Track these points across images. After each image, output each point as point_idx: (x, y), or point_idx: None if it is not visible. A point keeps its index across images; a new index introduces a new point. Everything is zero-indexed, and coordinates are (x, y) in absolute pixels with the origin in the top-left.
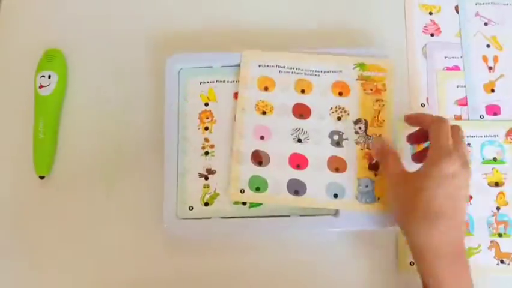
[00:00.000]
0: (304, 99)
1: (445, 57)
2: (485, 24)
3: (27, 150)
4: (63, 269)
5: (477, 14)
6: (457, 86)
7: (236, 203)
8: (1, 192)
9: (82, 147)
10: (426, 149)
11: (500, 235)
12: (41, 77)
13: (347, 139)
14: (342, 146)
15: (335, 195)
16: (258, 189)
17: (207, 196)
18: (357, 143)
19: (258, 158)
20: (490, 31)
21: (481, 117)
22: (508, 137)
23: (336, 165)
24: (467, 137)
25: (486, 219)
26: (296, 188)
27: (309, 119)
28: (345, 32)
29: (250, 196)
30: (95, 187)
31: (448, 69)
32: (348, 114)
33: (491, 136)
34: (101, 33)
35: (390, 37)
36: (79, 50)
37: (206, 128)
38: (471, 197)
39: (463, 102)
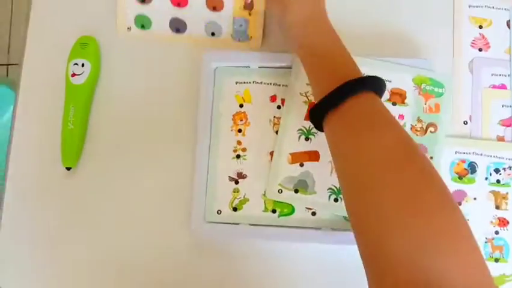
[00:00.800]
0: None
1: (492, 75)
2: None
3: (55, 140)
4: (86, 265)
5: None
6: (502, 106)
7: (265, 210)
8: (26, 182)
9: (111, 139)
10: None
11: None
12: (74, 64)
13: None
14: None
15: (212, 34)
16: (143, 26)
17: (236, 201)
18: None
19: None
20: None
21: None
22: None
23: (214, 4)
24: (509, 159)
25: None
26: (177, 26)
27: None
28: (393, 40)
29: (137, 33)
30: (123, 182)
31: (494, 87)
32: None
33: None
34: None
35: (437, 48)
36: (113, 38)
37: (239, 131)
38: (508, 222)
39: (507, 123)
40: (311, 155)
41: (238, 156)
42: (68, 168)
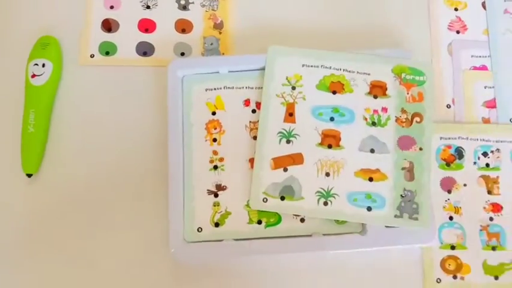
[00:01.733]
0: None
1: (472, 56)
2: None
3: (14, 145)
4: (50, 285)
5: (506, 11)
6: (485, 87)
7: (250, 222)
8: None
9: (75, 144)
10: None
11: None
12: (34, 65)
13: (193, 3)
14: (189, 10)
15: (182, 54)
16: (107, 53)
17: (218, 215)
18: (202, 6)
19: (108, 25)
20: None
21: (511, 120)
22: None
23: (183, 26)
24: (496, 141)
25: None
26: (144, 50)
27: None
28: (366, 30)
29: (100, 59)
30: (89, 191)
31: (475, 68)
32: None
33: None
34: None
35: (413, 34)
36: (75, 38)
37: (214, 140)
38: (501, 208)
39: (491, 104)
40: (295, 158)
41: (215, 167)
42: (29, 175)
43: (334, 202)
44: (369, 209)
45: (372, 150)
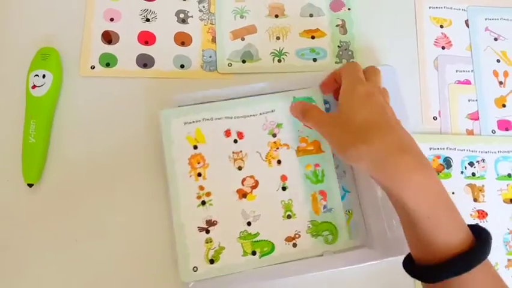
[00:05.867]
0: None
1: (456, 71)
2: (495, 39)
3: (15, 155)
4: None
5: (487, 29)
6: (469, 100)
7: (245, 254)
8: None
9: (75, 154)
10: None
11: None
12: (35, 76)
13: (192, 17)
14: (188, 23)
15: (182, 66)
16: (107, 64)
17: (212, 252)
18: (201, 19)
19: (108, 37)
20: (499, 46)
21: (493, 132)
22: None
23: (182, 39)
24: (481, 152)
25: (502, 236)
26: (145, 62)
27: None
28: (357, 46)
29: (101, 71)
30: (90, 201)
31: (459, 82)
32: None
33: (505, 152)
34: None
35: (401, 49)
36: (76, 50)
37: (199, 174)
38: (486, 214)
39: (474, 117)
40: (249, 29)
41: (203, 203)
42: (30, 185)
43: (286, 59)
44: (314, 60)
45: (311, 15)
